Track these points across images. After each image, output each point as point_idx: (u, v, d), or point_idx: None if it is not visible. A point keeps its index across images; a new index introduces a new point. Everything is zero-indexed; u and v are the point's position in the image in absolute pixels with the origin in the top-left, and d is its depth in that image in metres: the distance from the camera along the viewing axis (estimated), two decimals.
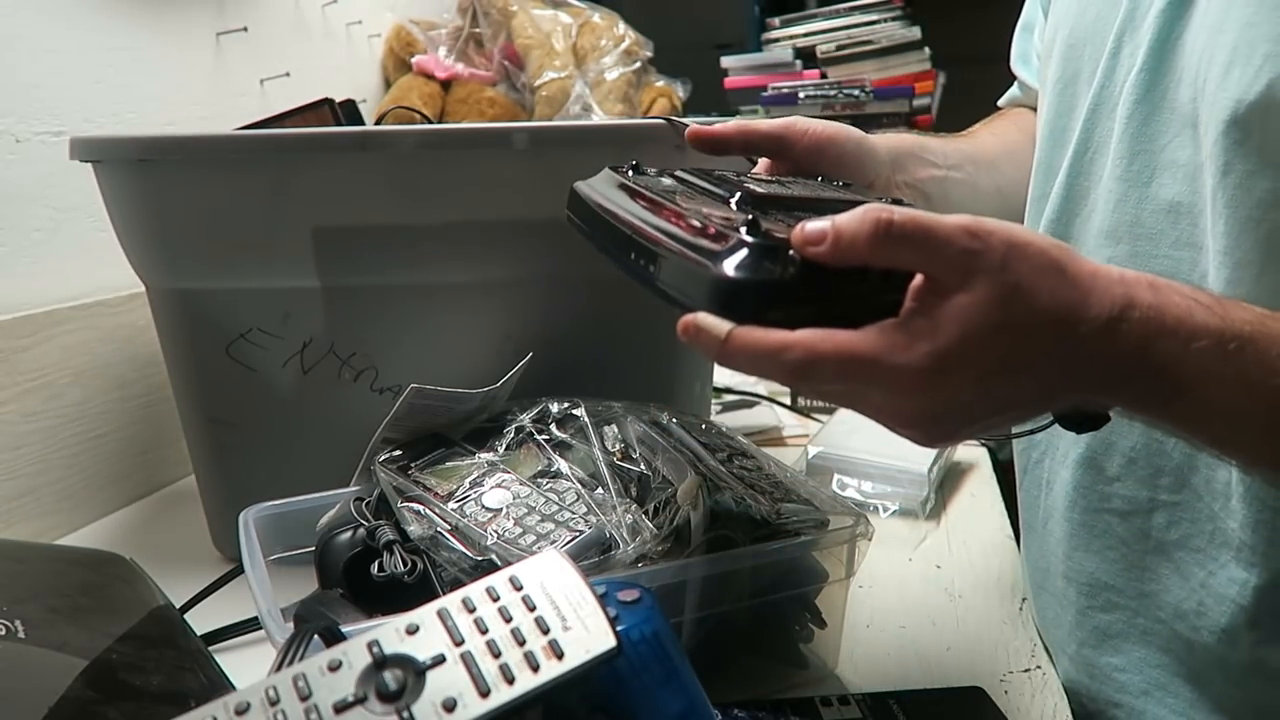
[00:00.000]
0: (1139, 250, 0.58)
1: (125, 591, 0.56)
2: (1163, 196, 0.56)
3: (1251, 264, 0.51)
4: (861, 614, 0.68)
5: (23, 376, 0.81)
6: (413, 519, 0.54)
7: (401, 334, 0.72)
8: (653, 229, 0.45)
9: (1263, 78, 0.48)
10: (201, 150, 0.70)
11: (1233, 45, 0.50)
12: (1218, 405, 0.41)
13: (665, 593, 0.48)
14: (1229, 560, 0.56)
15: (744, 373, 0.42)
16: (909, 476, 0.86)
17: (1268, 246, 0.51)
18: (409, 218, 0.69)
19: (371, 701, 0.34)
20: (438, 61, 1.49)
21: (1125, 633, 0.63)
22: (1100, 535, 0.63)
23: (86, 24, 0.93)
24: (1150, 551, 0.60)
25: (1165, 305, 0.40)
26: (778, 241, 0.41)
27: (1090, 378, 0.41)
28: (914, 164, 0.67)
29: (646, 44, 1.60)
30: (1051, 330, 0.40)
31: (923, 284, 0.40)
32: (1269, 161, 0.50)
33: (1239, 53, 0.50)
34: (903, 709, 0.54)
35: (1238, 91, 0.49)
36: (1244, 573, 0.55)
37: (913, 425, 0.42)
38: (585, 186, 0.53)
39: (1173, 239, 0.56)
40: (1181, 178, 0.55)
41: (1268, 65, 0.48)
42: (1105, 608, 0.63)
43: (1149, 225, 0.57)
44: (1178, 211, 0.55)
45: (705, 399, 0.91)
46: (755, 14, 2.13)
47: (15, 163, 0.85)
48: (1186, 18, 0.54)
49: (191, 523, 0.82)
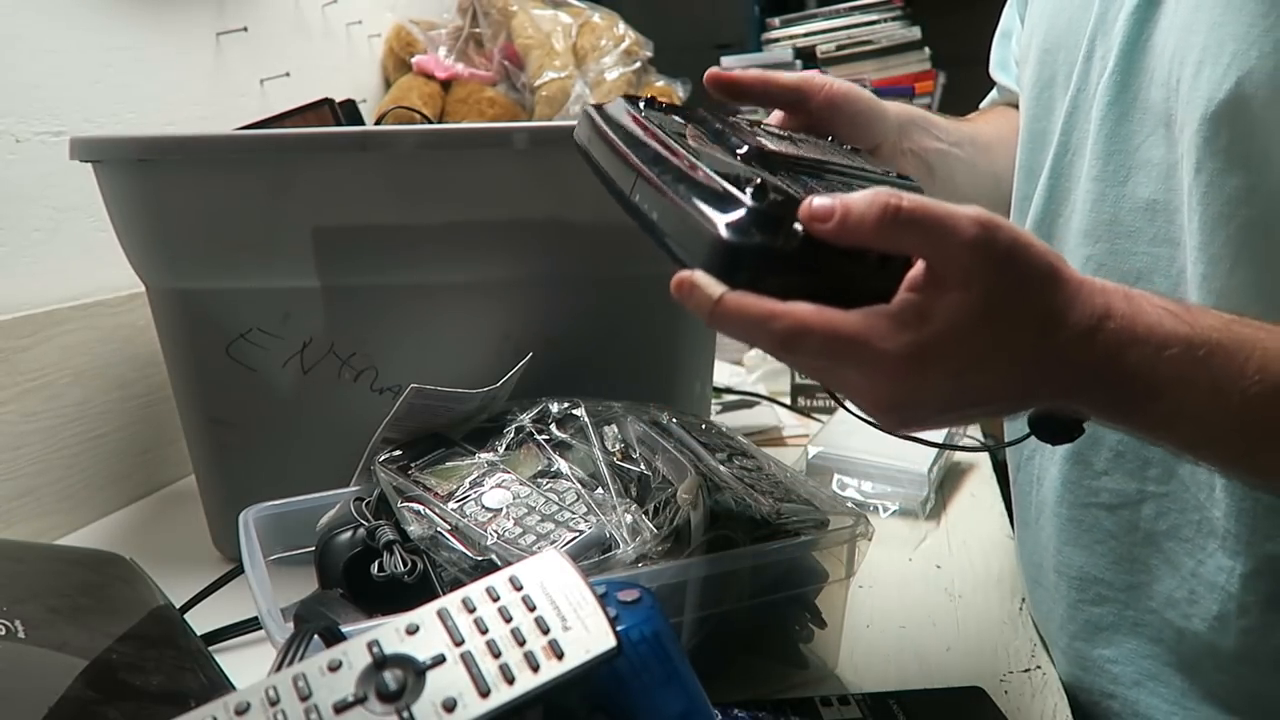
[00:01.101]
0: (1118, 248, 0.58)
1: (125, 591, 0.56)
2: (1139, 195, 0.57)
3: (1224, 259, 0.52)
4: (861, 614, 0.68)
5: (23, 376, 0.81)
6: (413, 519, 0.54)
7: (401, 334, 0.72)
8: (660, 173, 0.44)
9: (1231, 76, 0.49)
10: (201, 150, 0.70)
11: (1202, 45, 0.51)
12: (1189, 410, 0.42)
13: (665, 593, 0.48)
14: (1216, 549, 0.57)
15: (730, 336, 0.42)
16: (909, 476, 0.86)
17: (1239, 242, 0.51)
18: (409, 218, 0.69)
19: (371, 701, 0.34)
20: (438, 61, 1.49)
21: (1116, 625, 0.63)
22: (1089, 530, 0.63)
23: (86, 24, 0.93)
24: (1139, 543, 0.61)
25: (1138, 314, 0.41)
26: (782, 211, 0.40)
27: (1065, 382, 0.42)
28: (919, 134, 0.69)
29: (646, 44, 1.60)
30: (1034, 334, 0.40)
31: (922, 274, 0.40)
32: (1237, 159, 0.51)
33: (1209, 52, 0.50)
34: (903, 709, 0.54)
35: (1208, 90, 0.50)
36: (1230, 560, 0.56)
37: (885, 410, 0.43)
38: (597, 113, 0.52)
39: (1150, 236, 0.57)
40: (1156, 176, 0.56)
41: (1235, 64, 0.49)
42: (1095, 601, 0.64)
43: (1127, 223, 0.58)
44: (1154, 209, 0.56)
45: (705, 399, 0.91)
46: (755, 14, 2.13)
47: (15, 163, 0.85)
48: (1155, 20, 0.55)
49: (191, 523, 0.82)
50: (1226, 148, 0.51)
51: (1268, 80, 0.48)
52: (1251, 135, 0.50)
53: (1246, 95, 0.49)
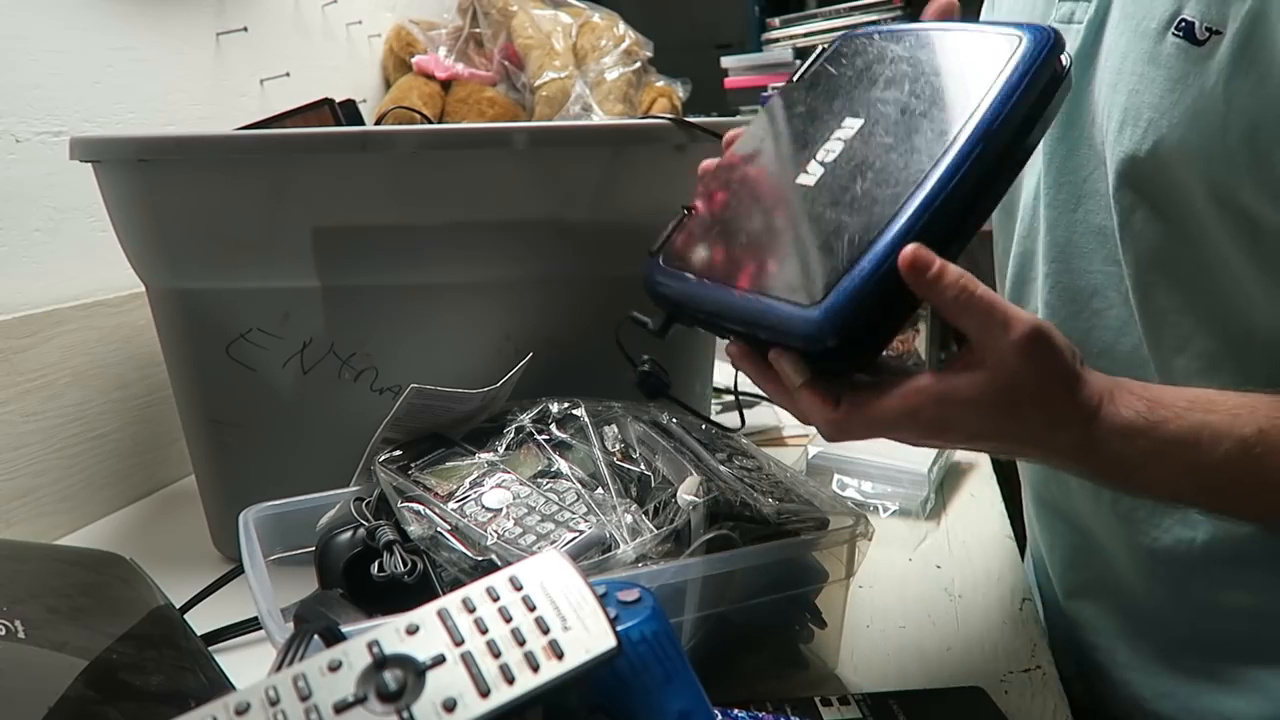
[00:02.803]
0: (1074, 266, 0.63)
1: (125, 591, 0.56)
2: (1090, 221, 0.61)
3: (1156, 284, 0.58)
4: (861, 614, 0.68)
5: (23, 376, 0.81)
6: (413, 519, 0.54)
7: (401, 334, 0.72)
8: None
9: (1149, 139, 0.53)
10: (201, 150, 0.70)
11: (1124, 106, 0.54)
12: (1156, 479, 0.50)
13: (665, 593, 0.48)
14: (1174, 524, 0.63)
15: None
16: (909, 476, 0.86)
17: (1166, 271, 0.58)
18: (409, 218, 0.69)
19: (371, 701, 0.34)
20: (438, 61, 1.49)
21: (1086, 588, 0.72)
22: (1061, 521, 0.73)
23: (86, 24, 0.93)
24: (1100, 528, 0.68)
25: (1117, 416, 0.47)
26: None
27: (1055, 463, 0.52)
28: None
29: (646, 44, 1.59)
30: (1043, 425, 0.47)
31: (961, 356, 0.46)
32: (1161, 208, 0.55)
33: (1129, 114, 0.54)
34: (903, 709, 0.54)
35: (1130, 147, 0.54)
36: (1190, 532, 0.62)
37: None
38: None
39: (1102, 257, 0.61)
40: (1104, 206, 0.59)
41: (1152, 130, 0.53)
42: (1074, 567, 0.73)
43: (1080, 245, 0.62)
44: (1104, 234, 0.60)
45: (705, 399, 0.91)
46: (755, 14, 2.13)
47: (15, 163, 0.85)
48: (1093, 69, 0.59)
49: (191, 523, 0.82)
50: (1150, 197, 0.55)
51: (1179, 146, 0.52)
52: (1171, 188, 0.54)
53: (1162, 156, 0.53)
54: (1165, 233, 0.56)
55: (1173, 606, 0.66)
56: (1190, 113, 0.51)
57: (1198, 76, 0.51)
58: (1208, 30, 0.50)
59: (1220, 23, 0.49)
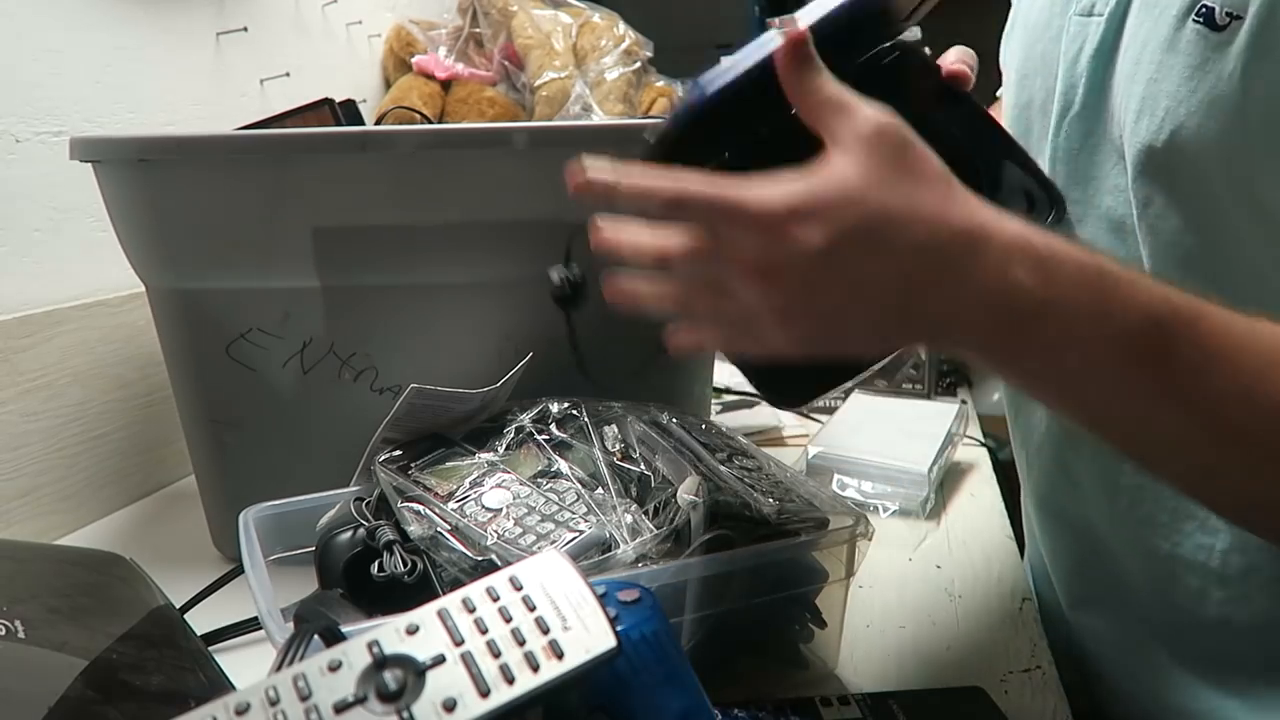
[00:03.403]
0: None
1: (125, 591, 0.56)
2: (1107, 216, 0.61)
3: (1174, 276, 0.56)
4: (861, 614, 0.68)
5: (23, 376, 0.81)
6: (413, 519, 0.54)
7: (401, 334, 0.72)
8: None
9: (1165, 128, 0.53)
10: (201, 150, 0.70)
11: (1141, 96, 0.54)
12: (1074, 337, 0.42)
13: (665, 593, 0.48)
14: (1194, 529, 0.60)
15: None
16: (909, 476, 0.86)
17: (1184, 268, 0.56)
18: (409, 218, 0.69)
19: (371, 701, 0.34)
20: (438, 61, 1.49)
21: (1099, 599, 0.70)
22: (1068, 528, 0.71)
23: (86, 24, 0.93)
24: (1114, 535, 0.66)
25: (1032, 233, 0.42)
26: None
27: (950, 287, 0.41)
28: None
29: (646, 44, 1.59)
30: (924, 227, 0.41)
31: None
32: (1178, 199, 0.55)
33: (1146, 103, 0.54)
34: (903, 709, 0.54)
35: (1147, 137, 0.54)
36: (1210, 539, 0.60)
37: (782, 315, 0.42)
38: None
39: (1122, 254, 0.60)
40: (1122, 200, 0.59)
41: (1169, 118, 0.52)
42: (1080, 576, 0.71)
43: (1097, 239, 0.61)
44: (1121, 228, 0.60)
45: (705, 399, 0.91)
46: (755, 14, 2.13)
47: (15, 163, 0.85)
48: (1113, 65, 0.58)
49: (191, 523, 0.82)
50: (1166, 188, 0.55)
51: (1195, 135, 0.51)
52: (1188, 178, 0.53)
53: (1179, 145, 0.52)
54: (1183, 224, 0.55)
55: (1187, 619, 0.63)
56: (1208, 101, 0.51)
57: (1216, 63, 0.50)
58: (1228, 15, 0.49)
59: (1241, 7, 0.49)
